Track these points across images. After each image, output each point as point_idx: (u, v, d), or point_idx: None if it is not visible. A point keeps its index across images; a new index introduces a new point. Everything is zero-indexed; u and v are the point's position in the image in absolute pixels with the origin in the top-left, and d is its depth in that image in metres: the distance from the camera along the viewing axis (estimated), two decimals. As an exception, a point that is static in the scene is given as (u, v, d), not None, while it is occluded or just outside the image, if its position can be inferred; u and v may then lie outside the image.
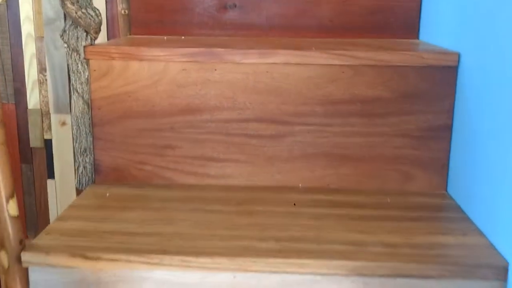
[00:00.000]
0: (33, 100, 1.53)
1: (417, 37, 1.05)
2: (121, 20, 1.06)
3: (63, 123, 1.49)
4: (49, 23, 1.58)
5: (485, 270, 0.60)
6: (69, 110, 1.43)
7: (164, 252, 0.62)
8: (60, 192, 1.51)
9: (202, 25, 1.06)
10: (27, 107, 1.53)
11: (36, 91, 1.46)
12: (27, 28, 1.41)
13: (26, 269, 0.62)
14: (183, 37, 1.04)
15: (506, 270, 0.60)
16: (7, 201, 0.59)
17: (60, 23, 1.58)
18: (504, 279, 0.61)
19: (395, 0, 1.04)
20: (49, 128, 1.45)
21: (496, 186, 0.66)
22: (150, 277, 0.62)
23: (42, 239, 0.65)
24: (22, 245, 0.61)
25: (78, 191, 1.07)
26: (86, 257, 0.61)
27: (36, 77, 1.46)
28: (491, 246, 0.65)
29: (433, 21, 0.98)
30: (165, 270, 0.62)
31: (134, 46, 0.82)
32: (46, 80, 1.43)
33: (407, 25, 1.05)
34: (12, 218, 0.60)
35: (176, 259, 0.61)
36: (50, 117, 1.43)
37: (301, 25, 1.06)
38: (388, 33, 1.06)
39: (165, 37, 1.02)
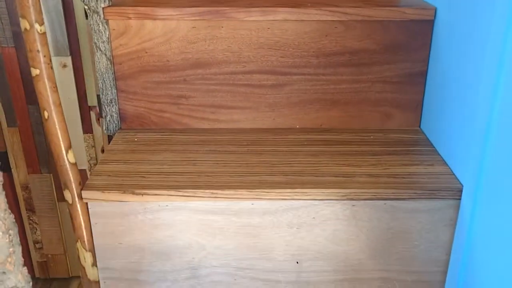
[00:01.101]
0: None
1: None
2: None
3: (64, 65, 1.57)
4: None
5: (445, 192, 0.78)
6: (69, 53, 1.51)
7: (196, 187, 0.76)
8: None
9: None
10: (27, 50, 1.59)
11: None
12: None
13: (86, 204, 0.76)
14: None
15: (460, 191, 0.78)
16: (67, 152, 0.72)
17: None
18: (459, 198, 0.78)
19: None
20: (51, 68, 1.53)
21: (458, 122, 0.81)
22: (185, 207, 0.77)
23: (94, 180, 0.78)
24: (82, 186, 0.75)
25: (108, 138, 1.17)
26: (134, 193, 0.75)
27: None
28: (451, 173, 0.82)
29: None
30: (197, 201, 0.77)
31: (149, 7, 0.92)
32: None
33: None
34: (72, 165, 0.73)
35: (207, 192, 0.76)
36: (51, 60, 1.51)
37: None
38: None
39: None
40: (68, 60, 1.38)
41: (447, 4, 0.88)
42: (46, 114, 0.72)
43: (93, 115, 1.24)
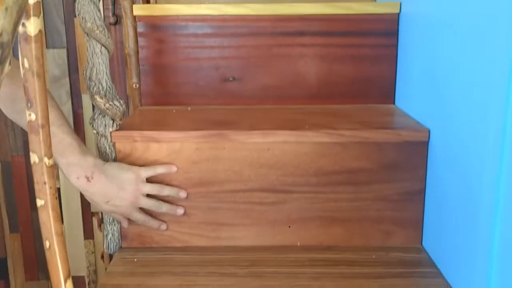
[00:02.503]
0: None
1: (393, 102, 1.21)
2: (134, 93, 1.19)
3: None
4: (55, 81, 1.70)
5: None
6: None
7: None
8: (68, 238, 1.62)
9: (205, 96, 1.20)
10: (36, 159, 1.64)
11: (45, 144, 1.58)
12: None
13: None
14: (189, 108, 1.17)
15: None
16: (65, 281, 0.72)
17: (65, 81, 1.70)
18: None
19: (373, 71, 1.20)
20: (57, 177, 1.57)
21: (460, 242, 0.81)
22: None
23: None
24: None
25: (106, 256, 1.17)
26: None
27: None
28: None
29: (406, 91, 1.14)
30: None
31: (154, 130, 0.96)
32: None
33: (384, 92, 1.21)
34: None
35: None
36: (58, 169, 1.55)
37: (292, 94, 1.21)
38: (368, 99, 1.21)
39: (174, 110, 1.15)
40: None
41: (440, 127, 0.92)
42: (47, 243, 0.73)
43: (95, 221, 1.25)
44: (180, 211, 0.96)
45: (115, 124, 0.95)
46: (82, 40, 1.78)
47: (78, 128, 1.54)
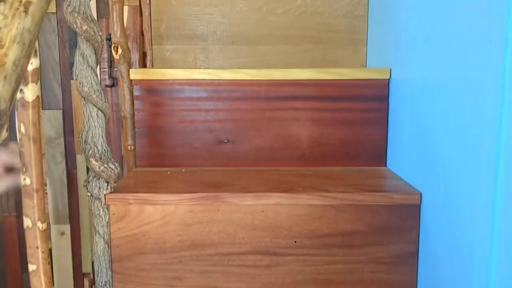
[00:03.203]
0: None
1: (385, 164, 1.23)
2: (129, 154, 1.20)
3: (62, 233, 1.59)
4: (50, 141, 1.72)
5: None
6: (68, 221, 1.54)
7: None
8: (58, 301, 1.58)
9: (200, 158, 1.22)
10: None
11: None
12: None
13: None
14: (183, 170, 1.18)
15: None
16: None
17: (60, 141, 1.72)
18: None
19: (364, 134, 1.23)
20: (49, 238, 1.55)
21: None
22: None
23: None
24: None
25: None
26: None
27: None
28: None
29: (398, 154, 1.16)
30: None
31: (149, 193, 0.96)
32: (46, 193, 1.55)
33: (376, 155, 1.23)
34: None
35: None
36: (50, 228, 1.53)
37: (285, 156, 1.23)
38: (360, 161, 1.23)
39: (168, 171, 1.16)
40: (67, 228, 1.40)
41: (432, 190, 0.93)
42: (38, 309, 0.72)
43: (86, 281, 1.23)
44: None
45: (109, 187, 0.95)
46: (78, 102, 1.81)
47: (71, 188, 1.54)
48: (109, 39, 1.55)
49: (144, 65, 1.78)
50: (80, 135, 0.93)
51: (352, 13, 1.48)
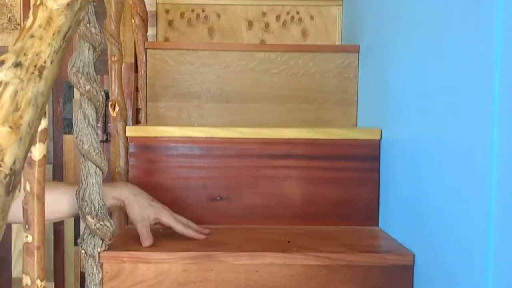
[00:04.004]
0: (17, 269, 1.60)
1: (377, 224, 1.24)
2: (121, 211, 1.20)
3: (46, 291, 1.56)
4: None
5: None
6: (52, 278, 1.51)
7: None
8: None
9: (193, 215, 1.22)
10: (11, 276, 1.59)
11: (21, 261, 1.54)
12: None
13: None
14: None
15: None
16: None
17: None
18: None
19: (356, 194, 1.25)
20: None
21: None
22: None
23: None
24: None
25: None
26: None
27: (22, 248, 1.54)
28: None
29: (390, 214, 1.18)
30: None
31: (143, 251, 0.96)
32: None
33: (368, 214, 1.24)
34: None
35: None
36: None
37: (277, 214, 1.24)
38: (352, 221, 1.24)
39: (160, 229, 1.16)
40: (51, 286, 1.38)
41: (424, 250, 0.94)
42: None
43: None
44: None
45: (104, 244, 0.95)
46: (69, 156, 1.82)
47: (57, 245, 1.51)
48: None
49: (137, 121, 1.80)
50: (77, 192, 0.93)
51: (343, 74, 1.54)
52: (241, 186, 1.24)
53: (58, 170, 1.81)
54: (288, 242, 1.06)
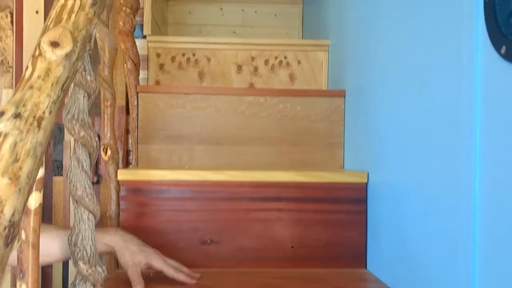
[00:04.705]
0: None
1: (365, 266, 1.25)
2: (111, 255, 1.20)
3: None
4: (28, 238, 1.70)
5: None
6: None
7: None
8: None
9: (184, 258, 1.22)
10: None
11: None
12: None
13: None
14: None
15: None
16: None
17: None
18: None
19: (344, 236, 1.26)
20: None
21: None
22: None
23: None
24: None
25: None
26: None
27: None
28: None
29: (378, 257, 1.19)
30: None
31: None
32: None
33: (356, 257, 1.26)
34: None
35: None
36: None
37: (268, 257, 1.25)
38: (341, 263, 1.25)
39: (151, 274, 1.16)
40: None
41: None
42: None
43: None
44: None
45: (95, 290, 0.94)
46: (58, 198, 1.81)
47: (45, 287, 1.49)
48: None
49: (127, 163, 1.82)
50: (69, 238, 0.93)
51: (330, 118, 1.57)
52: (232, 229, 1.25)
53: (47, 212, 1.80)
54: None
